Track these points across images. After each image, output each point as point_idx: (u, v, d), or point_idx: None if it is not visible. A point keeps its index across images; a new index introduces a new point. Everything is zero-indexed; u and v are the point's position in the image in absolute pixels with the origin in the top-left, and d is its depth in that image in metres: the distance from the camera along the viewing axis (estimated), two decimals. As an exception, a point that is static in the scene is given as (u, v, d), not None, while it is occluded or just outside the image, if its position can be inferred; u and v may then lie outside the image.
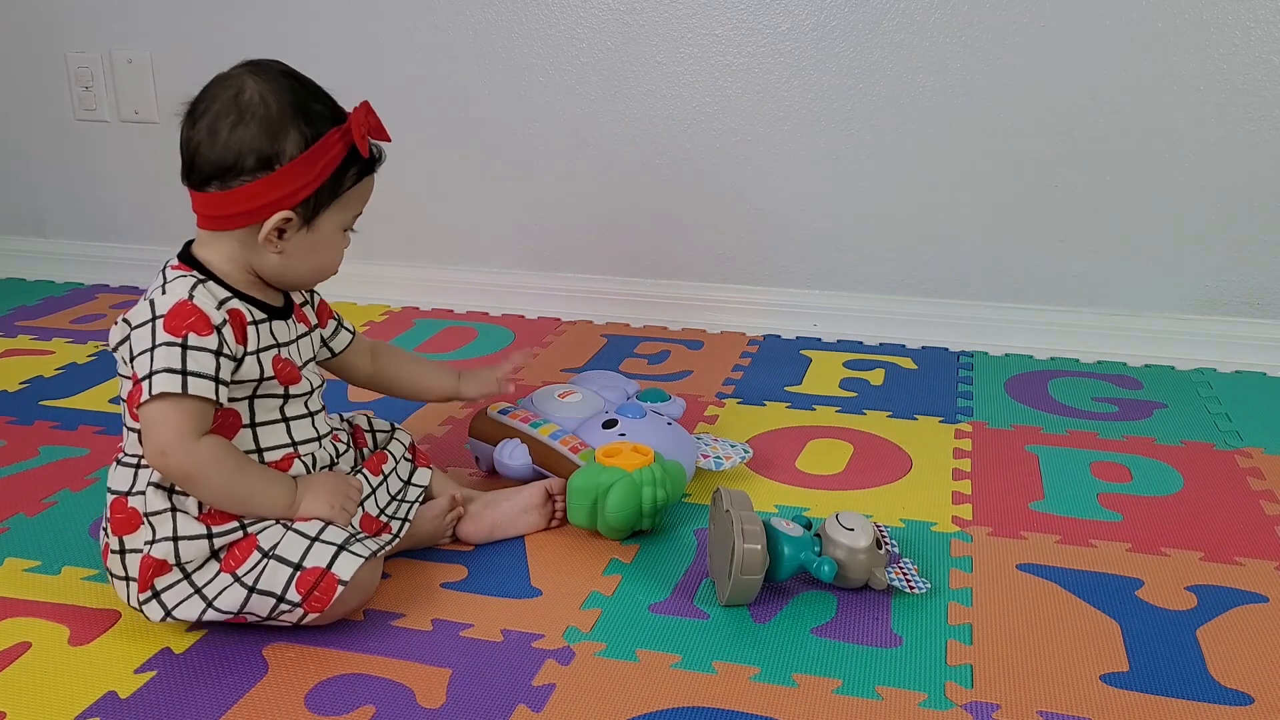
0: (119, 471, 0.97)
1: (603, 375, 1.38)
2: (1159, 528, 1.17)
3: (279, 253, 0.96)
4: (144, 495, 0.94)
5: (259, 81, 0.94)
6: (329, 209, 0.96)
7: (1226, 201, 1.63)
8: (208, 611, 0.92)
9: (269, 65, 0.96)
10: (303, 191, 0.94)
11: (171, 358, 0.90)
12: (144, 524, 0.94)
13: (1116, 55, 1.60)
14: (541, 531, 1.15)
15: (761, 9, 1.71)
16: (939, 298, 1.78)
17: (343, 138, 0.95)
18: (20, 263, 2.18)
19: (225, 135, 0.92)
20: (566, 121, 1.83)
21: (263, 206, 0.93)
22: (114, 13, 1.99)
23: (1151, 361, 1.69)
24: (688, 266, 1.87)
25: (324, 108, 0.96)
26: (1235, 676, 0.91)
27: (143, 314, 0.93)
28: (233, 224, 0.95)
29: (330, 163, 0.94)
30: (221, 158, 0.93)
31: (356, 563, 0.92)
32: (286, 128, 0.93)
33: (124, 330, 0.94)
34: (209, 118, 0.93)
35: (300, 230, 0.96)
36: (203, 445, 0.91)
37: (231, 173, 0.93)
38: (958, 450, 1.36)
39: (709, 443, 1.29)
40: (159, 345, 0.90)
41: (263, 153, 0.92)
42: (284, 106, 0.93)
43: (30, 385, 1.58)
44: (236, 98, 0.93)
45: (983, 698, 0.88)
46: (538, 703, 0.87)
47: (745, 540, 0.96)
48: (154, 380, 0.90)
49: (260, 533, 0.94)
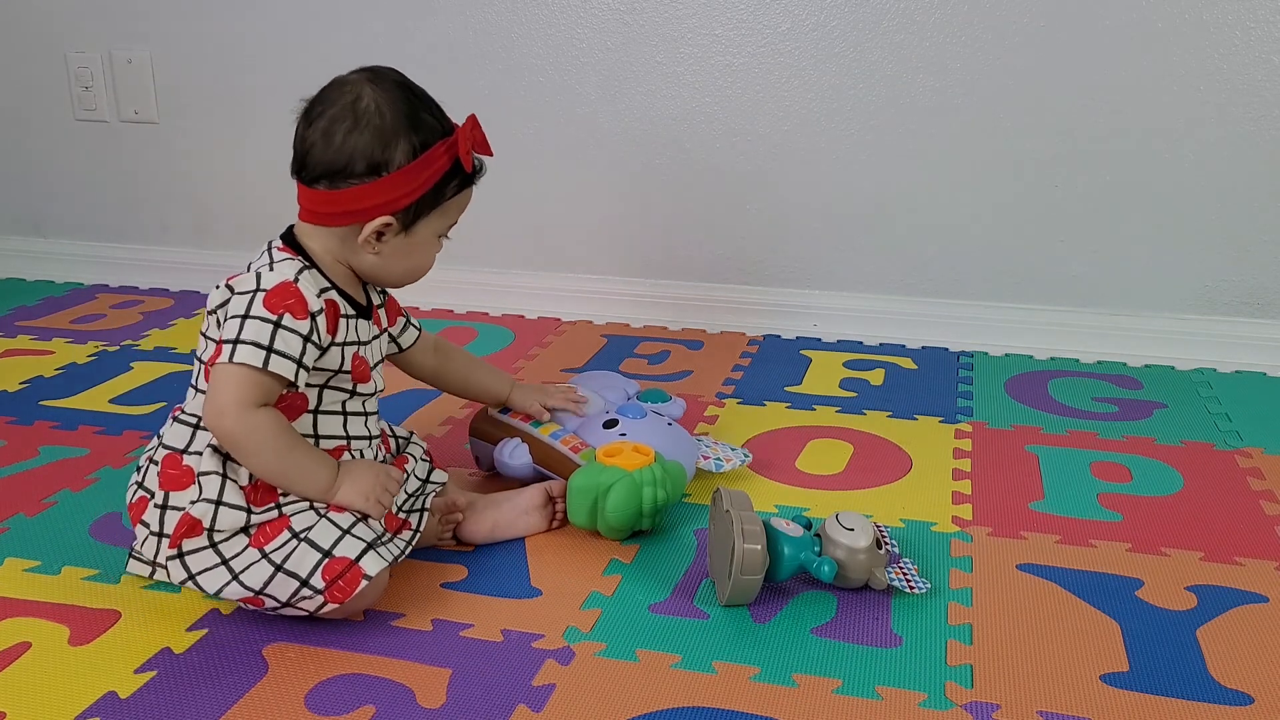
0: (175, 428, 1.00)
1: (603, 375, 1.38)
2: (1159, 528, 1.17)
3: (375, 254, 1.00)
4: (200, 455, 0.96)
5: (376, 90, 0.97)
6: (428, 216, 1.00)
7: (1226, 201, 1.63)
8: (231, 585, 0.93)
9: (386, 74, 0.99)
10: (406, 199, 0.97)
11: (262, 333, 0.93)
12: (194, 483, 0.96)
13: (1116, 55, 1.60)
14: (541, 532, 1.15)
15: (761, 9, 1.71)
16: (939, 298, 1.78)
17: (448, 151, 0.98)
18: (20, 263, 2.18)
19: (339, 139, 0.96)
20: (566, 121, 1.83)
21: (367, 209, 0.97)
22: (114, 13, 1.99)
23: (1151, 361, 1.69)
24: (688, 266, 1.87)
25: (434, 120, 0.99)
26: (1235, 676, 0.91)
27: (247, 284, 0.95)
28: (336, 222, 0.98)
29: (435, 173, 0.98)
30: (334, 160, 0.96)
31: (383, 562, 0.95)
32: (398, 137, 0.96)
33: (225, 294, 0.96)
34: (325, 120, 0.97)
35: (399, 235, 0.99)
36: (260, 414, 0.94)
37: (341, 175, 0.96)
38: (958, 450, 1.36)
39: (709, 445, 1.29)
40: (252, 317, 0.94)
41: (373, 159, 0.96)
42: (397, 116, 0.96)
43: (30, 385, 1.58)
44: (354, 104, 0.96)
45: (983, 698, 0.88)
46: (538, 703, 0.87)
47: (745, 540, 0.97)
48: (238, 348, 0.93)
49: (294, 515, 0.96)
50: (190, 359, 1.68)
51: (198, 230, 2.09)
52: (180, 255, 2.10)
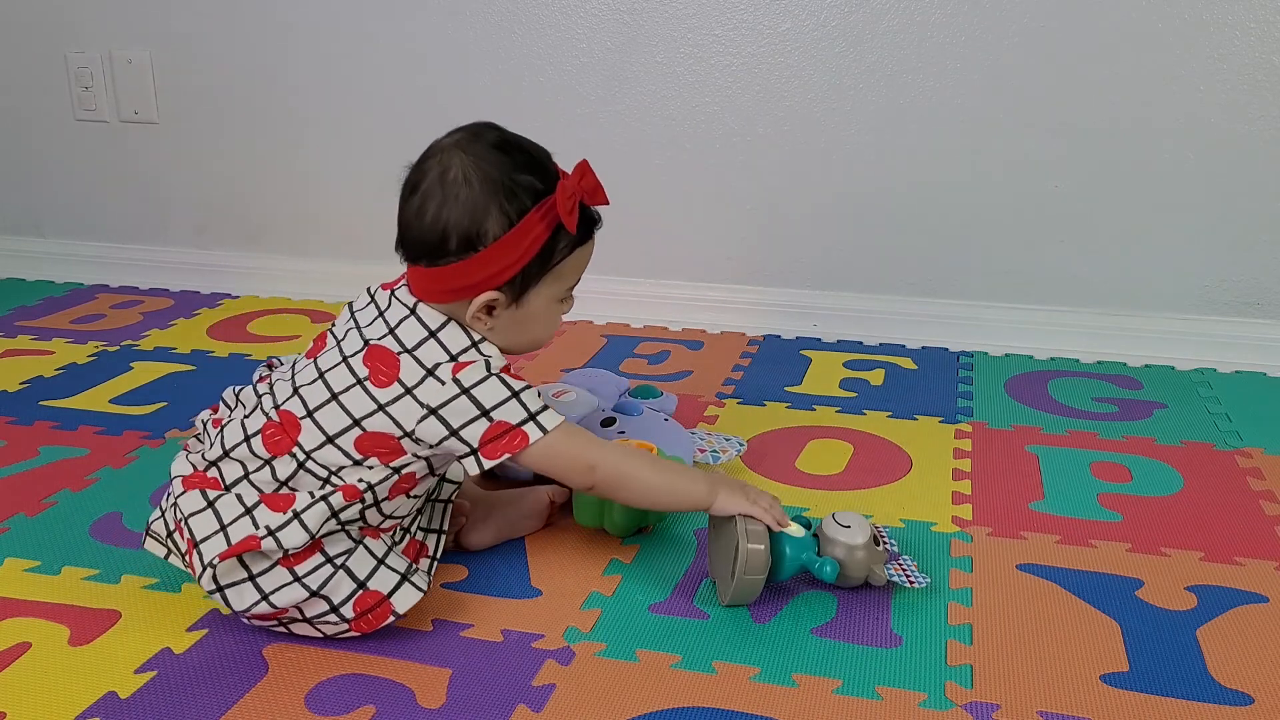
0: (303, 476, 0.93)
1: (594, 374, 1.38)
2: (1159, 528, 1.17)
3: (489, 329, 0.96)
4: (312, 504, 0.91)
5: (465, 157, 0.92)
6: (538, 284, 0.95)
7: (1226, 201, 1.63)
8: (260, 605, 0.90)
9: (483, 135, 0.94)
10: (508, 271, 0.92)
11: (533, 399, 0.93)
12: (288, 517, 0.90)
13: (1116, 55, 1.60)
14: (542, 531, 1.15)
15: (761, 9, 1.71)
16: (939, 298, 1.78)
17: (546, 214, 0.92)
18: (20, 263, 2.18)
19: (431, 215, 0.92)
20: (566, 121, 1.83)
21: (469, 287, 0.92)
22: (114, 13, 1.99)
23: (1151, 361, 1.69)
24: (688, 266, 1.87)
25: (533, 179, 0.93)
26: (1235, 676, 0.91)
27: (477, 373, 0.92)
28: (442, 299, 0.95)
29: (536, 240, 0.92)
30: (427, 237, 0.92)
31: (415, 597, 0.93)
32: (489, 207, 0.91)
33: (451, 389, 0.92)
34: (419, 195, 0.93)
35: (510, 308, 0.95)
36: (611, 447, 0.97)
37: (438, 252, 0.92)
38: (958, 450, 1.36)
39: (704, 437, 1.29)
40: (516, 394, 0.92)
41: (466, 233, 0.91)
42: (486, 184, 0.91)
43: (30, 385, 1.58)
44: (443, 176, 0.92)
45: (983, 698, 0.88)
46: (538, 703, 0.87)
47: (749, 540, 0.96)
48: (540, 419, 0.93)
49: (325, 537, 0.92)
50: (186, 359, 1.69)
51: (198, 230, 2.09)
52: (180, 255, 2.10)
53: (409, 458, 0.94)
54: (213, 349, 1.74)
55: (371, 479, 0.93)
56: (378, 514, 0.96)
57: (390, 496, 0.95)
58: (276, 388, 0.97)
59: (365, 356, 0.94)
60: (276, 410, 0.95)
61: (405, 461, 0.94)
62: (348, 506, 0.92)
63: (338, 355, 0.95)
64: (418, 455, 0.94)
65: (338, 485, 0.92)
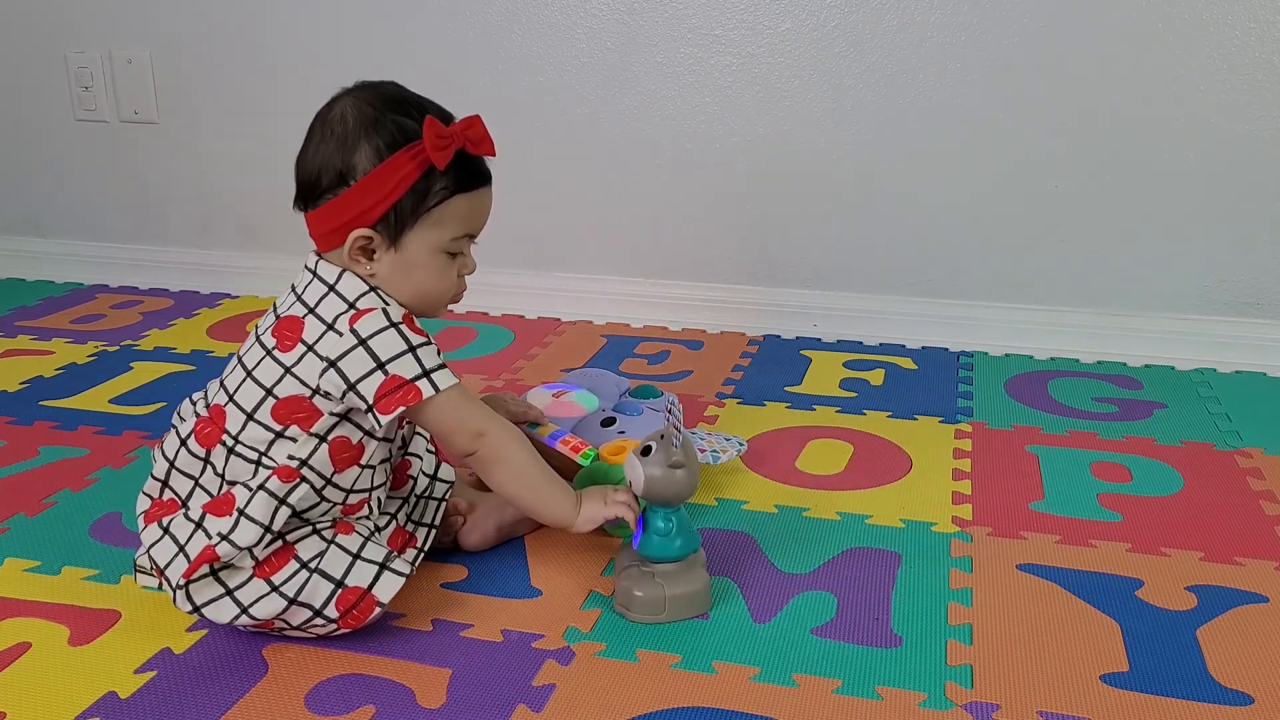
0: (235, 462, 0.93)
1: (594, 374, 1.38)
2: (1159, 528, 1.17)
3: (370, 274, 0.94)
4: (252, 495, 0.91)
5: (350, 99, 0.93)
6: (415, 228, 0.93)
7: (1226, 201, 1.63)
8: (241, 618, 0.91)
9: (373, 84, 0.95)
10: (378, 207, 0.91)
11: (431, 355, 0.93)
12: (235, 518, 0.90)
13: (1117, 55, 1.60)
14: (541, 531, 1.14)
15: (761, 9, 1.71)
16: (939, 298, 1.78)
17: (417, 155, 0.91)
18: (20, 263, 2.18)
19: (310, 154, 0.93)
20: (566, 121, 1.83)
21: (343, 225, 0.92)
22: (114, 13, 1.99)
23: (1151, 361, 1.69)
24: (688, 266, 1.87)
25: (410, 122, 0.91)
26: (1235, 676, 0.91)
27: (375, 322, 0.92)
28: (325, 244, 0.95)
29: (406, 178, 0.91)
30: (306, 176, 0.93)
31: (397, 584, 0.93)
32: (360, 143, 0.91)
33: (349, 341, 0.91)
34: (305, 137, 0.94)
35: (388, 251, 0.94)
36: (504, 425, 0.96)
37: (315, 191, 0.93)
38: (958, 450, 1.36)
39: (704, 437, 1.29)
40: (415, 347, 0.92)
41: (338, 169, 0.91)
42: (361, 121, 0.91)
43: (30, 385, 1.58)
44: (325, 115, 0.93)
45: (983, 698, 0.88)
46: (538, 703, 0.87)
47: (634, 587, 0.98)
48: (435, 376, 0.92)
49: (297, 542, 0.93)
50: (186, 359, 1.69)
51: (197, 230, 2.09)
52: (180, 255, 2.10)
53: (327, 418, 0.93)
54: (213, 349, 1.74)
55: (300, 453, 0.92)
56: (337, 490, 0.95)
57: (339, 469, 0.94)
58: (209, 390, 1.00)
59: (274, 329, 0.95)
60: (208, 409, 0.97)
61: (326, 425, 0.93)
62: (292, 489, 0.91)
63: (253, 338, 0.97)
64: (333, 413, 0.93)
65: (270, 468, 0.92)
